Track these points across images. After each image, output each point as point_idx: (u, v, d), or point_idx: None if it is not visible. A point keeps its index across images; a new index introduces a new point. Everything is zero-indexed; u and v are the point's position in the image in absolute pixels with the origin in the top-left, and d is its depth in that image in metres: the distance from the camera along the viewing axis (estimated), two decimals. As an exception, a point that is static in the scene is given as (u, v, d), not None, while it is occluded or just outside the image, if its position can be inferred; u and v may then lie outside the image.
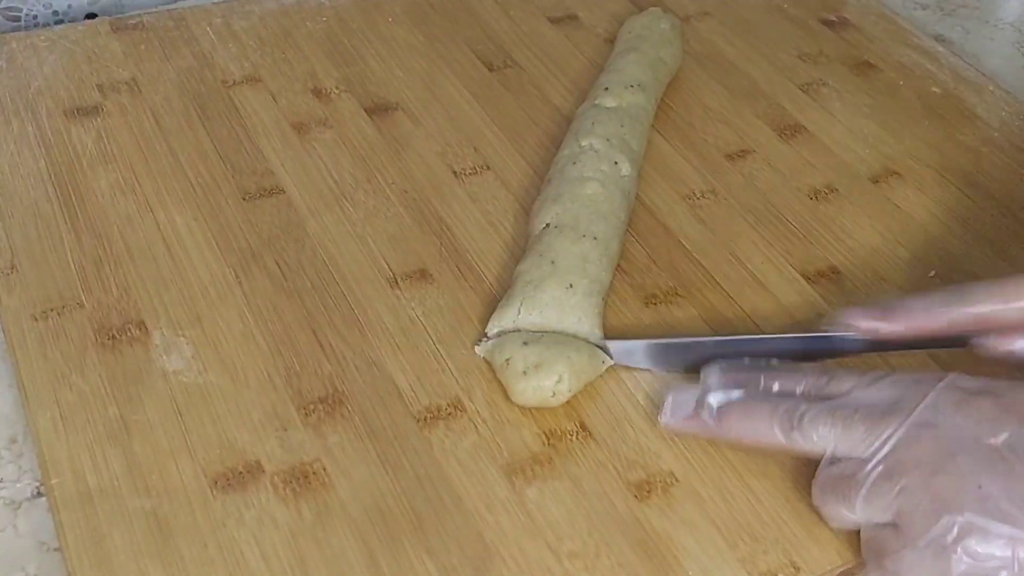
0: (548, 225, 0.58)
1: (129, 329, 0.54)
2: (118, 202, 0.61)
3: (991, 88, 0.76)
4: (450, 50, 0.75)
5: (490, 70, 0.73)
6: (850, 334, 0.52)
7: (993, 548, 0.42)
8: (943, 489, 0.44)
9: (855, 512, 0.46)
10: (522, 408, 0.52)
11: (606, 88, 0.67)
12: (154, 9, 0.77)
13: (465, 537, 0.47)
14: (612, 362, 0.54)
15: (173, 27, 0.74)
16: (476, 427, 0.51)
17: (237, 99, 0.69)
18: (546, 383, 0.51)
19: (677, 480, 0.50)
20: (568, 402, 0.52)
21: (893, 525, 0.45)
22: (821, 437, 0.47)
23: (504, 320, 0.54)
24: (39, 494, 0.49)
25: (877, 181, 0.67)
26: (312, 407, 0.52)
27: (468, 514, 0.48)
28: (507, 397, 0.52)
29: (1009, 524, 0.42)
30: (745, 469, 0.50)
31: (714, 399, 0.50)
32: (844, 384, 0.49)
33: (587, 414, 0.52)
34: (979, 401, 0.46)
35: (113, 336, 0.54)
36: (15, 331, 0.54)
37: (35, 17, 0.80)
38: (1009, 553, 0.42)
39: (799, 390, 0.50)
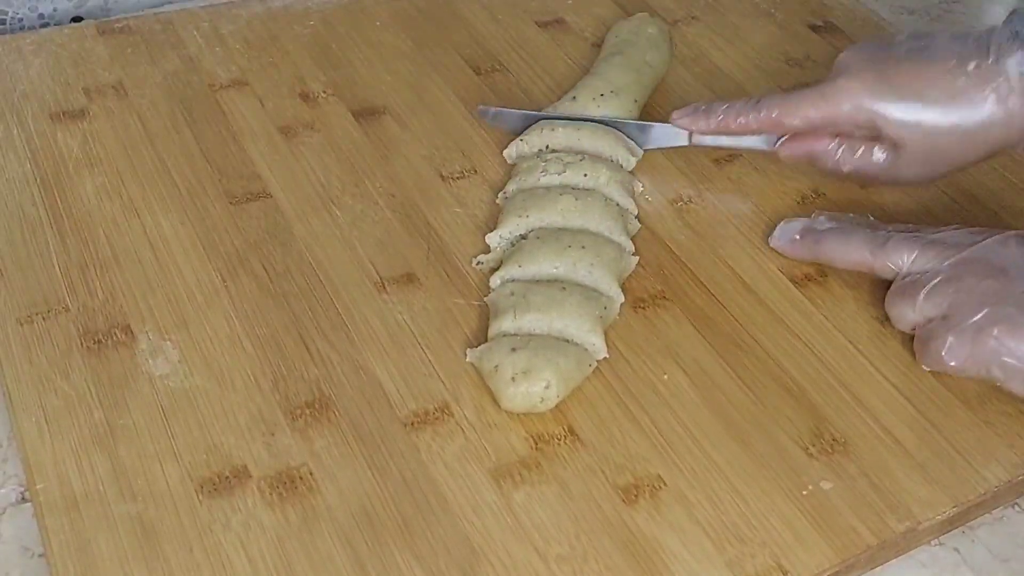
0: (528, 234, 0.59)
1: (115, 333, 0.54)
2: (104, 206, 0.61)
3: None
4: (437, 54, 0.75)
5: (477, 74, 0.73)
6: (674, 126, 0.64)
7: (1020, 341, 0.52)
8: (992, 288, 0.53)
9: (915, 309, 0.55)
10: (510, 412, 0.52)
11: (574, 98, 0.67)
12: (140, 12, 0.77)
13: (452, 541, 0.47)
14: (597, 365, 0.54)
15: (160, 30, 0.74)
16: (463, 431, 0.51)
17: (224, 103, 0.69)
18: (535, 389, 0.51)
19: (665, 484, 0.50)
20: (556, 406, 0.52)
21: (943, 317, 0.54)
22: (901, 258, 0.57)
23: (504, 325, 0.54)
24: (23, 499, 0.49)
25: (864, 185, 0.67)
26: (299, 411, 0.51)
27: (455, 518, 0.48)
28: (494, 401, 0.52)
29: None
30: (732, 472, 0.50)
31: (820, 224, 0.61)
32: (928, 229, 0.59)
33: (575, 418, 0.52)
34: None
35: (99, 340, 0.54)
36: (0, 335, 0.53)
37: (20, 20, 0.80)
38: None
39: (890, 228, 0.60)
